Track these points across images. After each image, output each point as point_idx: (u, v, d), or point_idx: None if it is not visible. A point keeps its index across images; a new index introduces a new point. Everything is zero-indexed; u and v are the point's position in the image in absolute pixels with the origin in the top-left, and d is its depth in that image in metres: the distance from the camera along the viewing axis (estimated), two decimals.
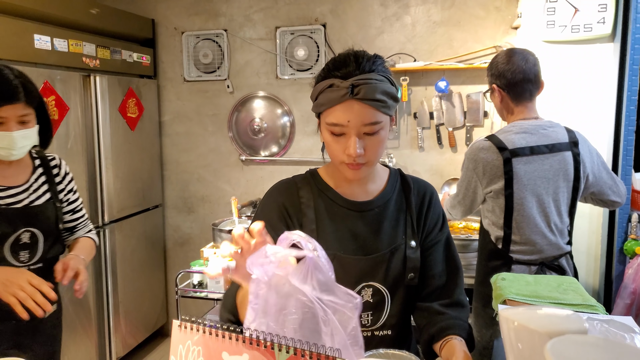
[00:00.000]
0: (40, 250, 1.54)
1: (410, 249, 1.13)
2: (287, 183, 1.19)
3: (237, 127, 3.34)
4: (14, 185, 1.53)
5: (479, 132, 2.93)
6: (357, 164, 1.04)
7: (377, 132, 1.03)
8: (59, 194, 1.63)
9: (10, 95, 1.38)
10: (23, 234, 1.50)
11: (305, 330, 0.74)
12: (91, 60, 2.74)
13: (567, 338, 0.48)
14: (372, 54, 1.07)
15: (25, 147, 1.47)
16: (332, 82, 1.01)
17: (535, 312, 0.62)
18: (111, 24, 2.92)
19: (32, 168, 1.60)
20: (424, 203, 1.19)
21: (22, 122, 1.43)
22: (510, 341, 0.61)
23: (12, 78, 1.40)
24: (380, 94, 1.00)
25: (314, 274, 0.78)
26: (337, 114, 1.01)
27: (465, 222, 2.69)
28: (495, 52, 2.86)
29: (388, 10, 3.02)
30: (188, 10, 3.32)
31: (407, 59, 2.98)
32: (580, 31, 2.32)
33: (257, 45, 3.23)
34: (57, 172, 1.64)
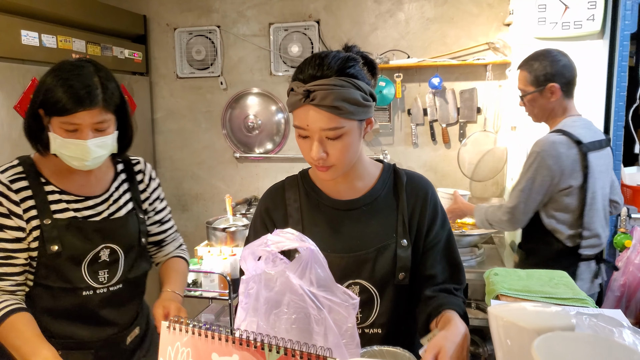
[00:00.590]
0: (120, 269, 1.36)
1: (401, 248, 1.11)
2: (274, 188, 1.22)
3: (231, 124, 3.33)
4: (92, 195, 1.35)
5: (472, 128, 2.95)
6: (323, 166, 1.04)
7: (340, 136, 1.01)
8: (142, 204, 1.44)
9: (85, 100, 1.18)
10: (102, 250, 1.32)
11: (297, 330, 0.74)
12: (81, 56, 2.71)
13: (554, 335, 0.49)
14: (346, 55, 1.04)
15: (101, 157, 1.27)
16: (293, 85, 1.02)
17: (523, 309, 0.63)
18: (101, 20, 2.90)
19: (114, 174, 1.42)
20: (417, 200, 1.16)
21: (98, 129, 1.23)
22: (499, 338, 0.62)
23: (86, 79, 1.20)
24: (337, 101, 0.98)
25: (313, 267, 0.78)
26: (298, 118, 1.02)
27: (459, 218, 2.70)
28: (488, 48, 2.87)
29: (382, 7, 3.02)
30: (180, 7, 3.30)
31: (400, 55, 2.99)
32: (570, 28, 2.33)
33: (250, 41, 3.22)
34: (141, 178, 1.46)
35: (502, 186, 2.97)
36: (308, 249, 0.79)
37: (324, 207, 1.15)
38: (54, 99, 1.17)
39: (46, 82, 1.20)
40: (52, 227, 1.26)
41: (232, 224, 2.71)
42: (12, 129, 2.17)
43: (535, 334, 0.52)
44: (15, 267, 1.27)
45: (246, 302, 0.78)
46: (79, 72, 1.20)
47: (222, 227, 2.66)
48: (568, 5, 2.32)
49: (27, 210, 1.26)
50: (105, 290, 1.34)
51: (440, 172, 3.05)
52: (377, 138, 3.09)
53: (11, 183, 1.26)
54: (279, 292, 0.77)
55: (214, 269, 2.39)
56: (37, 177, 1.30)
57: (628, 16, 2.27)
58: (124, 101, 1.31)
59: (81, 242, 1.29)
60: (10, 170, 1.29)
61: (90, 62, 1.25)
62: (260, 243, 0.82)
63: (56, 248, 1.25)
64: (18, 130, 2.22)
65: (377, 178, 1.17)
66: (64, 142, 1.21)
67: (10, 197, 1.25)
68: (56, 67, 1.23)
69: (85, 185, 1.35)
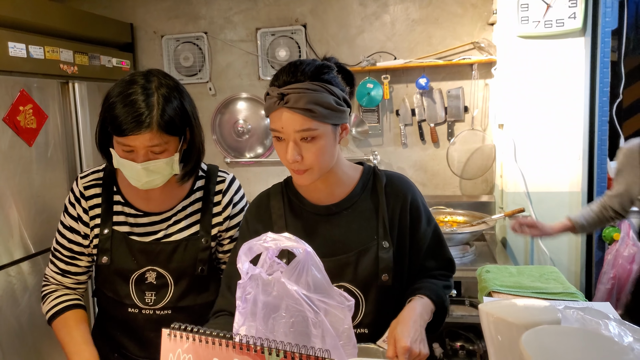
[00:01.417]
0: (169, 295, 1.27)
1: (382, 250, 1.13)
2: (259, 199, 1.25)
3: (221, 129, 3.34)
4: (154, 211, 1.28)
5: (460, 127, 2.98)
6: (299, 169, 1.07)
7: (314, 139, 1.04)
8: (212, 228, 1.30)
9: (137, 123, 1.10)
10: (148, 272, 1.26)
11: (296, 334, 0.76)
12: (69, 66, 2.71)
13: (542, 329, 0.51)
14: (321, 62, 1.09)
15: (155, 180, 1.18)
16: (269, 90, 1.07)
17: (512, 305, 0.65)
18: (88, 29, 2.90)
19: (189, 191, 1.31)
20: (397, 201, 1.17)
21: (153, 152, 1.15)
22: (490, 334, 0.64)
23: (143, 99, 1.11)
24: (309, 104, 1.01)
25: (310, 269, 0.79)
26: (273, 121, 1.06)
27: (451, 216, 2.74)
28: (473, 48, 2.91)
29: (367, 10, 3.05)
30: (167, 14, 3.30)
31: (387, 57, 3.02)
32: (552, 26, 2.38)
33: (238, 47, 3.23)
34: (219, 200, 1.31)
35: (491, 183, 3.01)
36: (304, 251, 0.81)
37: (306, 212, 1.18)
38: (110, 117, 1.13)
39: (109, 97, 1.16)
40: (107, 238, 1.26)
41: None
42: (1, 141, 2.16)
43: (523, 328, 0.54)
44: (79, 268, 1.32)
45: (244, 306, 0.80)
46: (136, 91, 1.13)
47: None
48: (550, 4, 2.36)
49: (93, 218, 1.29)
50: (151, 312, 1.28)
51: (430, 171, 3.08)
52: (366, 139, 3.12)
53: (85, 190, 1.29)
54: (276, 296, 0.78)
55: None
56: (111, 186, 1.30)
57: (609, 13, 2.32)
58: (189, 121, 1.20)
59: (128, 260, 1.25)
60: (90, 175, 1.32)
61: (156, 77, 1.17)
62: (259, 239, 0.83)
63: (105, 259, 1.26)
64: (7, 142, 2.23)
65: (357, 181, 1.19)
66: (120, 161, 1.18)
67: (82, 203, 1.29)
68: (120, 82, 1.17)
69: (152, 200, 1.28)
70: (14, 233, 2.22)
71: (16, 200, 2.22)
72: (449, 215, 2.75)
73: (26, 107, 2.36)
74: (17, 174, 2.24)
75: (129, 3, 3.33)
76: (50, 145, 2.53)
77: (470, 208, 2.78)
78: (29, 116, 2.37)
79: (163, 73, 1.21)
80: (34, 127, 2.39)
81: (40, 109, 2.44)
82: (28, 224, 2.29)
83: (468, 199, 2.95)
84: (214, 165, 1.38)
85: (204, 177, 1.33)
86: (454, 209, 2.76)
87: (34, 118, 2.40)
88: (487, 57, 2.83)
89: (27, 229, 2.28)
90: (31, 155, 2.33)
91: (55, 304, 1.29)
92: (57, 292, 1.32)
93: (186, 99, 1.20)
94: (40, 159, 2.44)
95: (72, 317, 1.26)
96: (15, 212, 2.21)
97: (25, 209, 2.26)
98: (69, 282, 1.33)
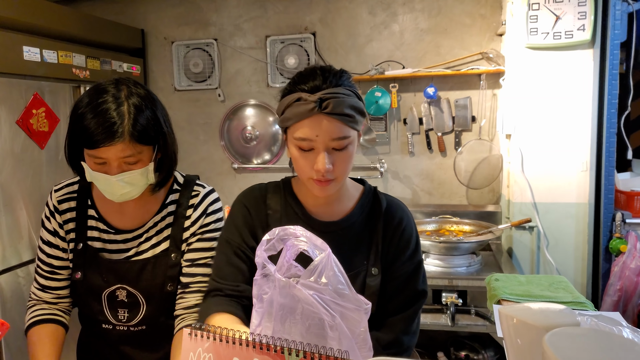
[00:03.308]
0: (142, 312, 1.23)
1: (370, 277, 1.08)
2: (257, 190, 1.18)
3: (229, 135, 3.36)
4: (127, 227, 1.23)
5: (467, 137, 2.99)
6: (325, 180, 1.01)
7: (346, 147, 1.00)
8: (181, 244, 1.24)
9: (108, 134, 1.05)
10: (118, 290, 1.22)
11: (312, 335, 0.76)
12: (81, 71, 2.74)
13: (563, 330, 0.52)
14: (340, 69, 1.06)
15: (130, 192, 1.14)
16: (300, 95, 0.98)
17: (531, 309, 0.66)
18: (101, 35, 2.94)
19: (161, 204, 1.25)
20: (389, 227, 1.12)
21: (127, 163, 1.10)
22: (510, 337, 0.65)
23: (114, 108, 1.07)
24: (348, 109, 0.98)
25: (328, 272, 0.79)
26: (305, 129, 0.98)
27: (457, 226, 2.74)
28: (481, 58, 2.93)
29: (376, 19, 3.08)
30: (178, 20, 3.34)
31: (395, 66, 3.04)
32: (561, 38, 2.39)
33: (247, 54, 3.27)
34: (190, 214, 1.24)
35: (498, 194, 3.02)
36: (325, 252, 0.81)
37: (301, 224, 1.12)
38: (79, 129, 1.08)
39: (78, 107, 1.11)
40: (80, 254, 1.23)
41: None
42: (14, 143, 2.19)
43: (544, 331, 0.55)
44: (59, 282, 1.27)
45: (260, 306, 0.81)
46: (106, 100, 1.08)
47: None
48: (559, 15, 2.38)
49: (68, 232, 1.26)
50: (125, 329, 1.24)
51: (436, 180, 3.09)
52: (373, 147, 3.13)
53: (59, 204, 1.25)
54: (292, 299, 0.79)
55: None
56: (85, 199, 1.26)
57: (617, 25, 2.33)
58: (162, 130, 1.16)
59: (98, 278, 1.22)
60: (65, 188, 1.28)
61: (126, 85, 1.13)
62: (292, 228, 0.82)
63: (79, 275, 1.23)
64: (20, 145, 2.25)
65: (357, 202, 1.14)
66: (93, 175, 1.13)
67: (56, 217, 1.25)
68: (89, 92, 1.12)
69: (126, 214, 1.24)
70: (24, 235, 2.24)
71: (26, 202, 2.24)
72: (455, 224, 2.75)
73: (39, 110, 2.39)
74: (29, 177, 2.26)
75: (141, 9, 3.38)
76: (61, 149, 2.54)
77: (476, 217, 2.79)
78: (41, 119, 2.40)
79: (133, 81, 1.16)
80: (46, 130, 2.42)
81: (53, 112, 2.48)
82: (37, 226, 2.29)
83: (474, 209, 2.96)
84: (191, 177, 1.31)
85: (178, 190, 1.27)
86: (461, 218, 2.76)
87: (46, 121, 2.44)
88: (495, 67, 2.85)
89: (36, 231, 2.30)
90: (42, 158, 2.36)
91: (28, 319, 1.25)
92: (34, 307, 1.28)
93: (158, 107, 1.17)
94: (51, 161, 2.46)
95: (41, 332, 1.21)
96: (24, 215, 2.24)
97: (35, 212, 2.28)
98: (49, 297, 1.27)
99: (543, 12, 2.41)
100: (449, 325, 2.22)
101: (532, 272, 2.61)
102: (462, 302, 2.27)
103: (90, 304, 1.25)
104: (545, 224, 2.54)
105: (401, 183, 3.12)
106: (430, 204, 3.07)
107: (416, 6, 3.02)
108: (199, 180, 1.33)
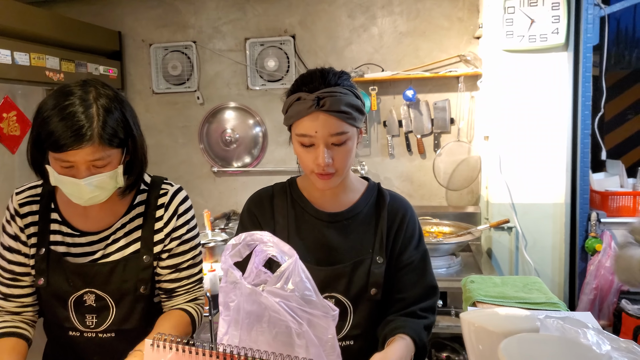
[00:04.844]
0: (111, 317, 1.20)
1: (375, 264, 1.14)
2: (263, 194, 1.24)
3: (209, 138, 3.33)
4: (92, 230, 1.20)
5: (446, 139, 3.01)
6: (326, 173, 1.08)
7: (345, 142, 1.08)
8: (155, 245, 1.21)
9: (77, 137, 1.02)
10: (86, 294, 1.18)
11: (279, 344, 0.75)
12: (55, 73, 2.69)
13: (520, 337, 0.52)
14: (338, 70, 1.13)
15: (99, 195, 1.11)
16: (300, 95, 1.07)
17: (493, 314, 0.66)
18: (76, 37, 2.88)
19: (128, 206, 1.22)
20: (395, 220, 1.19)
21: (96, 166, 1.08)
22: (472, 343, 0.65)
23: (82, 111, 1.04)
24: (344, 106, 1.05)
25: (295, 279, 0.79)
26: (305, 125, 1.06)
27: (437, 227, 2.75)
28: (459, 61, 2.96)
29: (356, 22, 3.08)
30: (156, 23, 3.30)
31: (375, 69, 3.05)
32: (536, 41, 2.43)
33: (226, 56, 3.24)
34: (161, 215, 1.22)
35: (477, 195, 3.04)
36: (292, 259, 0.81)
37: (308, 216, 1.18)
38: (45, 132, 1.04)
39: (42, 110, 1.07)
40: (42, 259, 1.19)
41: (211, 239, 2.70)
42: None
43: (503, 337, 0.54)
44: (22, 289, 1.22)
45: (227, 314, 0.80)
46: (73, 102, 1.05)
47: (201, 243, 2.64)
48: (534, 19, 2.42)
49: (30, 237, 1.21)
50: (93, 335, 1.21)
51: (416, 182, 3.11)
52: None
53: (20, 207, 1.21)
54: (259, 307, 0.78)
55: None
56: (49, 203, 1.22)
57: (590, 29, 2.38)
58: (131, 132, 1.13)
59: (64, 282, 1.18)
60: (26, 191, 1.23)
61: (94, 87, 1.10)
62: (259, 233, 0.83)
63: (42, 281, 1.18)
64: None
65: (362, 194, 1.22)
66: (59, 179, 1.09)
67: (17, 221, 1.21)
68: (54, 94, 1.09)
69: (90, 217, 1.21)
70: None
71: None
72: (435, 225, 2.76)
73: (10, 114, 2.34)
74: (0, 182, 2.21)
75: (118, 11, 3.33)
76: None
77: (456, 219, 2.80)
78: (12, 123, 2.34)
79: (101, 82, 1.13)
80: (17, 134, 2.37)
81: (25, 116, 2.42)
82: None
83: (454, 210, 2.98)
84: (159, 177, 1.29)
85: (146, 190, 1.24)
86: (440, 220, 2.78)
87: (17, 125, 2.38)
88: (473, 70, 2.87)
89: None
90: (14, 163, 2.30)
91: None
92: None
93: (127, 109, 1.14)
94: (23, 166, 2.39)
95: (2, 345, 1.15)
96: None
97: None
98: (12, 307, 1.22)
99: (518, 15, 2.44)
100: None
101: (511, 272, 2.63)
102: (442, 303, 2.28)
103: (55, 310, 1.21)
104: (523, 225, 2.56)
105: (382, 185, 3.12)
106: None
107: (395, 9, 3.03)
108: (166, 180, 1.30)
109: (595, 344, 0.59)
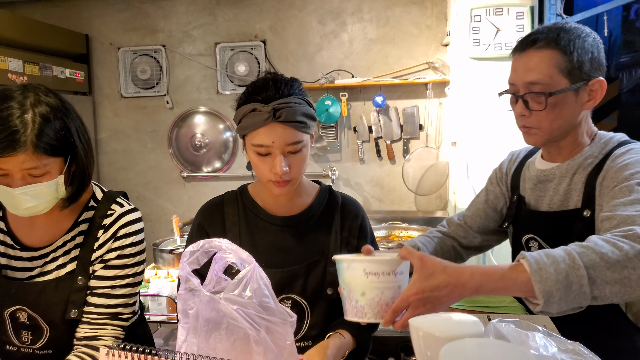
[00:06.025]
0: (46, 336, 1.13)
1: (331, 264, 1.15)
2: (212, 204, 1.24)
3: (178, 143, 3.29)
4: (35, 245, 1.14)
5: (415, 145, 3.06)
6: (283, 181, 1.10)
7: (300, 150, 1.10)
8: (89, 266, 1.14)
9: (8, 144, 0.97)
10: (19, 312, 1.12)
11: (237, 351, 0.75)
12: (18, 76, 2.62)
13: (461, 342, 0.53)
14: (291, 77, 1.14)
15: (36, 206, 1.05)
16: (254, 106, 1.06)
17: (440, 319, 0.68)
18: (40, 39, 2.81)
19: (72, 223, 1.16)
20: (349, 221, 1.22)
21: (32, 175, 1.02)
22: (420, 349, 0.66)
23: (18, 115, 0.99)
24: (300, 116, 1.07)
25: (253, 285, 0.79)
26: (261, 136, 1.07)
27: (406, 231, 2.78)
28: (427, 67, 3.01)
29: (326, 28, 3.10)
30: (124, 26, 3.25)
31: (345, 75, 3.07)
32: (502, 49, 2.49)
33: (196, 61, 3.22)
34: (99, 235, 1.15)
35: (445, 200, 3.09)
36: (250, 266, 0.81)
37: (261, 222, 1.19)
38: None
39: None
40: None
41: (180, 246, 2.66)
42: None
43: (447, 342, 0.56)
44: None
45: (185, 321, 0.79)
46: (10, 106, 1.00)
47: (169, 249, 2.60)
48: (499, 27, 2.48)
49: None
50: (29, 351, 1.15)
51: (386, 187, 3.14)
52: (325, 155, 3.14)
53: None
54: (218, 314, 0.78)
55: (161, 291, 2.33)
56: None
57: None
58: (74, 142, 1.07)
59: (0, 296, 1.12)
60: None
61: (34, 92, 1.04)
62: (217, 240, 0.83)
63: None
64: None
65: (314, 197, 1.24)
66: None
67: None
68: None
69: (36, 229, 1.15)
70: None
71: None
72: (405, 230, 2.79)
73: None
74: None
75: (85, 14, 3.27)
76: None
77: (425, 223, 2.84)
78: None
79: (45, 89, 1.07)
80: None
81: None
82: None
83: (423, 214, 3.02)
84: (114, 193, 1.21)
85: (94, 207, 1.17)
86: (409, 224, 2.80)
87: None
88: (441, 77, 2.93)
89: None
90: None
91: None
92: None
93: (71, 117, 1.09)
94: None
95: None
96: None
97: None
98: None
99: (484, 24, 2.50)
100: (398, 330, 2.24)
101: None
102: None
103: None
104: None
105: (352, 190, 3.15)
106: (380, 210, 3.11)
107: (365, 16, 3.07)
108: (123, 197, 1.22)
109: (542, 347, 0.62)
